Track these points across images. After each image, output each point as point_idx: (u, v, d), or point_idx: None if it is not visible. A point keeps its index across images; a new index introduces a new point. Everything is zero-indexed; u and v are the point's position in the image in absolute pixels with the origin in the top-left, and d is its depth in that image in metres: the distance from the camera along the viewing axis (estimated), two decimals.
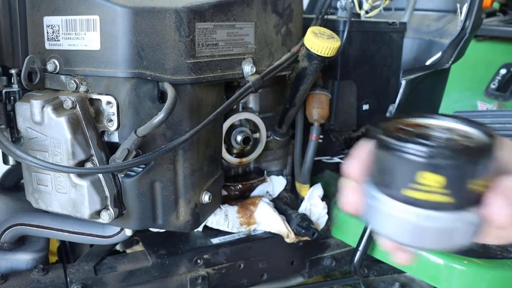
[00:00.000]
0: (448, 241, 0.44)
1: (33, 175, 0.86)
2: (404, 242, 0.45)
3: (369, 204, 0.46)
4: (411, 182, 0.41)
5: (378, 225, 0.46)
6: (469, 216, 0.43)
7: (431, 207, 0.42)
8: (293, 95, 1.07)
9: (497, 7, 1.87)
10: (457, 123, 0.47)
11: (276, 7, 0.98)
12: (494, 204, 0.43)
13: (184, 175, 0.89)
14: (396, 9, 1.47)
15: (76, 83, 0.82)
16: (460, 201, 0.42)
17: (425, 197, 0.41)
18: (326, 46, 0.97)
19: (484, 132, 0.45)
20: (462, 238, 0.44)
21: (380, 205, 0.44)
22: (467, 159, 0.41)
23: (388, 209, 0.44)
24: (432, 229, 0.43)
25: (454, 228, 0.43)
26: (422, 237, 0.43)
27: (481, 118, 0.82)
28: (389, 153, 0.42)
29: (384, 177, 0.44)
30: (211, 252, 1.04)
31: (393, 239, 0.45)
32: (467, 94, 1.74)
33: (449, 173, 0.40)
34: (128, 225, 0.91)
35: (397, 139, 0.42)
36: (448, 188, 0.41)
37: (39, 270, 0.93)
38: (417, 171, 0.41)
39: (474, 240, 0.46)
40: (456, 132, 0.46)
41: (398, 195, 0.43)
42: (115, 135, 0.86)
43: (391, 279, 1.37)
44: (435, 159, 0.40)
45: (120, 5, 0.78)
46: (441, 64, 1.14)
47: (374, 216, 0.46)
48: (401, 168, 0.42)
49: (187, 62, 0.82)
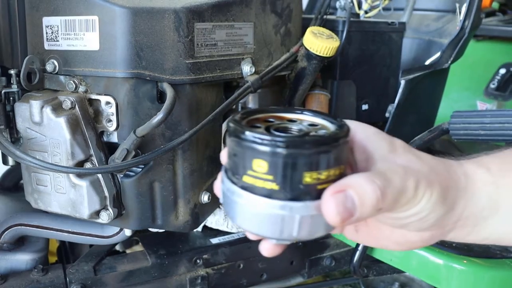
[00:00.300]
0: (284, 230, 0.43)
1: (32, 176, 0.86)
2: (247, 228, 0.45)
3: (222, 189, 0.47)
4: (249, 169, 0.42)
5: (227, 210, 0.47)
6: (300, 207, 0.42)
7: (262, 193, 0.42)
8: (292, 95, 1.07)
9: (496, 7, 1.87)
10: (318, 117, 0.48)
11: (275, 7, 0.98)
12: (325, 201, 0.42)
13: (183, 175, 0.89)
14: (395, 9, 1.47)
15: (75, 83, 0.82)
16: (288, 189, 0.42)
17: (257, 183, 0.42)
18: (325, 46, 0.97)
19: (337, 125, 0.46)
20: (298, 229, 0.43)
21: (227, 191, 0.45)
22: (294, 148, 0.41)
23: (231, 194, 0.45)
24: (262, 215, 0.43)
25: (284, 216, 0.43)
26: (259, 223, 0.44)
27: (480, 117, 0.82)
28: (232, 140, 0.44)
29: (231, 164, 0.45)
30: (210, 252, 1.04)
31: (238, 224, 0.46)
32: (467, 94, 1.75)
33: (271, 160, 0.41)
34: (128, 225, 0.91)
35: (242, 128, 0.43)
36: (271, 174, 0.41)
37: (39, 270, 0.93)
38: (252, 158, 0.42)
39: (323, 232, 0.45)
40: (317, 128, 0.47)
41: (238, 181, 0.44)
42: (114, 135, 0.86)
43: (391, 278, 1.38)
44: (261, 146, 0.41)
45: (119, 6, 0.78)
46: (440, 64, 1.15)
47: (224, 201, 0.47)
48: (241, 155, 0.43)
49: (186, 62, 0.83)
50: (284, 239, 0.45)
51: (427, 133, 0.91)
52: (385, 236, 0.52)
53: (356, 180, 0.43)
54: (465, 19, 1.13)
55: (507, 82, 1.68)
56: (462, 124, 0.84)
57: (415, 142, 0.93)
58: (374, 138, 0.48)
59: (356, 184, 0.42)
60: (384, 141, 0.48)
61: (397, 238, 0.51)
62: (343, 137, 0.43)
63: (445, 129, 0.88)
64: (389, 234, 0.51)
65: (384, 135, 0.49)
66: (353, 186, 0.42)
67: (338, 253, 1.20)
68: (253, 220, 0.44)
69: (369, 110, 1.30)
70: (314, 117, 0.49)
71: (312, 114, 0.49)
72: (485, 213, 0.49)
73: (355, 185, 0.42)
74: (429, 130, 0.91)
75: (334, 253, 1.20)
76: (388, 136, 0.49)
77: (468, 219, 0.49)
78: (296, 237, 0.44)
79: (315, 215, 0.43)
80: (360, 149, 0.48)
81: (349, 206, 0.42)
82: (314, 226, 0.44)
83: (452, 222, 0.49)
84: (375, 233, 0.52)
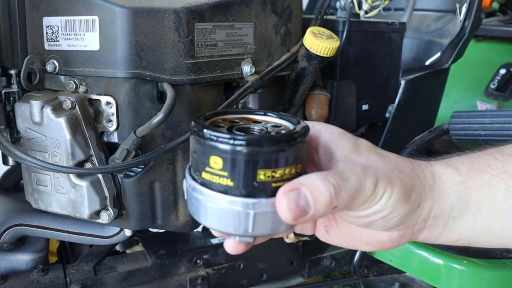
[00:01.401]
0: (240, 226, 0.44)
1: (32, 176, 0.86)
2: (206, 224, 0.46)
3: (185, 187, 0.48)
4: (207, 166, 0.44)
5: (189, 206, 0.48)
6: (255, 204, 0.43)
7: (218, 189, 0.44)
8: (293, 95, 1.07)
9: (497, 7, 1.87)
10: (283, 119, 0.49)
11: (275, 7, 0.98)
12: (278, 198, 0.43)
13: (183, 175, 0.89)
14: (395, 9, 1.47)
15: (76, 83, 0.82)
16: (242, 186, 0.43)
17: (214, 179, 0.44)
18: (325, 46, 0.97)
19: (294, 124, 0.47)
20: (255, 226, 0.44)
21: (189, 187, 0.47)
22: (249, 146, 0.42)
23: (192, 190, 0.46)
24: (220, 211, 0.44)
25: (239, 212, 0.44)
26: (218, 219, 0.45)
27: (480, 118, 0.82)
28: (193, 137, 0.45)
29: (192, 161, 0.46)
30: (210, 252, 1.04)
31: (199, 220, 0.47)
32: (467, 94, 1.75)
33: (225, 156, 0.42)
34: (128, 226, 0.91)
35: (202, 126, 0.44)
36: (225, 171, 0.43)
37: (39, 271, 0.93)
38: (209, 155, 0.43)
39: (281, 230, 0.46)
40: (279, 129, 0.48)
41: (198, 178, 0.45)
42: (114, 136, 0.86)
43: (391, 279, 1.38)
44: (220, 143, 0.42)
45: (119, 6, 0.78)
46: (440, 64, 1.15)
47: (187, 197, 0.48)
48: (200, 152, 0.45)
49: (186, 63, 0.83)
50: (242, 235, 0.46)
51: (427, 133, 0.92)
52: (355, 236, 0.52)
53: (310, 178, 0.43)
54: (465, 19, 1.13)
55: (507, 82, 1.68)
56: (462, 124, 0.84)
57: (415, 142, 0.93)
58: (338, 138, 0.49)
59: (310, 182, 0.43)
60: (348, 142, 0.49)
61: (366, 238, 0.52)
62: (300, 136, 0.44)
63: (445, 129, 0.88)
64: (358, 234, 0.52)
65: (349, 136, 0.50)
66: (306, 184, 0.43)
67: (338, 253, 1.20)
68: (212, 216, 0.45)
69: (369, 110, 1.30)
70: (278, 118, 0.50)
71: (276, 116, 0.50)
72: (455, 213, 0.49)
73: (309, 183, 0.43)
74: (429, 130, 0.92)
75: (334, 253, 1.20)
76: (354, 137, 0.50)
77: (437, 219, 0.50)
78: (252, 233, 0.45)
79: (270, 212, 0.44)
80: (324, 149, 0.49)
81: (302, 204, 0.42)
82: (269, 223, 0.45)
83: (421, 222, 0.49)
84: (345, 233, 0.53)
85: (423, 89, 1.17)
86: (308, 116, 1.14)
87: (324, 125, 0.51)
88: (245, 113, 0.51)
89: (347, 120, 1.26)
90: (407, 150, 0.93)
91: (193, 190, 0.46)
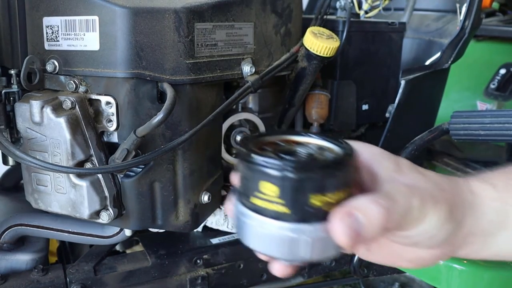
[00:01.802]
0: (293, 252, 0.44)
1: (32, 176, 0.86)
2: (257, 249, 0.46)
3: (233, 210, 0.48)
4: (256, 191, 0.44)
5: (238, 231, 0.48)
6: (309, 229, 0.43)
7: (270, 215, 0.43)
8: (293, 95, 1.07)
9: (497, 7, 1.86)
10: (327, 141, 0.49)
11: (275, 7, 0.98)
12: (333, 222, 0.43)
13: (183, 175, 0.89)
14: (395, 9, 1.47)
15: (76, 83, 0.82)
16: (297, 213, 0.43)
17: (266, 205, 0.43)
18: (325, 46, 0.97)
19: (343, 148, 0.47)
20: (308, 251, 0.44)
21: (237, 213, 0.47)
22: (303, 173, 0.42)
23: (240, 215, 0.46)
24: (272, 237, 0.44)
25: (293, 239, 0.44)
26: (269, 245, 0.45)
27: (480, 118, 0.82)
28: (241, 162, 0.45)
29: (241, 186, 0.46)
30: (210, 252, 1.04)
31: (249, 245, 0.47)
32: (467, 94, 1.75)
33: (281, 184, 0.42)
34: (128, 225, 0.91)
35: (250, 151, 0.45)
36: (282, 199, 0.42)
37: (39, 271, 0.93)
38: (260, 181, 0.43)
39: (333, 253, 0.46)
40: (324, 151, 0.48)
41: (247, 203, 0.45)
42: (114, 136, 0.86)
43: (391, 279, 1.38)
44: (270, 169, 0.42)
45: (119, 6, 0.78)
46: (440, 64, 1.14)
47: (236, 222, 0.48)
48: (248, 177, 0.45)
49: (186, 63, 0.82)
50: (294, 260, 0.46)
51: (427, 133, 0.91)
52: (397, 254, 0.52)
53: (361, 202, 0.44)
54: (465, 19, 1.13)
55: (507, 82, 1.68)
56: (462, 124, 0.84)
57: (415, 142, 0.93)
58: (380, 158, 0.49)
59: (362, 205, 0.43)
60: (390, 161, 0.49)
61: (408, 256, 0.52)
62: (349, 160, 0.45)
63: (445, 129, 0.88)
64: (401, 252, 0.52)
65: (389, 155, 0.50)
66: (359, 208, 0.43)
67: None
68: (263, 242, 0.45)
69: (369, 110, 1.30)
70: (321, 140, 0.50)
71: (319, 138, 0.50)
72: (493, 229, 0.50)
73: (361, 207, 0.43)
74: (429, 130, 0.91)
75: None
76: (393, 156, 0.51)
77: (476, 235, 0.50)
78: (305, 258, 0.45)
79: (324, 236, 0.44)
80: (366, 169, 0.49)
81: (356, 228, 0.43)
82: (323, 247, 0.45)
83: (461, 239, 0.50)
84: (387, 252, 0.53)
85: (423, 89, 1.17)
86: (308, 116, 1.14)
87: (363, 145, 0.51)
88: (287, 134, 0.51)
89: (347, 120, 1.27)
90: (407, 150, 0.93)
91: (242, 215, 0.46)
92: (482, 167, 1.46)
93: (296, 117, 1.14)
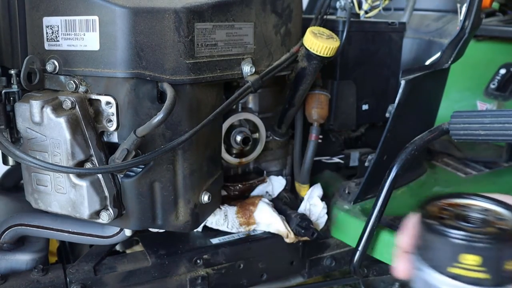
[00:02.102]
0: None
1: (32, 176, 0.86)
2: None
3: (416, 274, 0.54)
4: (455, 262, 0.50)
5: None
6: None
7: (472, 282, 0.50)
8: (293, 95, 1.07)
9: (497, 7, 1.86)
10: (490, 203, 0.56)
11: (275, 7, 0.98)
12: None
13: (183, 175, 0.89)
14: (395, 9, 1.47)
15: (76, 83, 0.82)
16: (497, 278, 0.49)
17: (467, 274, 0.50)
18: (325, 46, 0.97)
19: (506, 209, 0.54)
20: None
21: (427, 277, 0.53)
22: (501, 243, 0.49)
23: (435, 281, 0.52)
24: None
25: None
26: None
27: (480, 118, 0.82)
28: (435, 235, 0.52)
29: (431, 254, 0.53)
30: (210, 252, 1.04)
31: None
32: (467, 94, 1.75)
33: (485, 255, 0.49)
34: (128, 225, 0.91)
35: (440, 223, 0.52)
36: (485, 267, 0.49)
37: (39, 271, 0.93)
38: (460, 253, 0.50)
39: None
40: (491, 213, 0.55)
41: (444, 271, 0.51)
42: (114, 136, 0.86)
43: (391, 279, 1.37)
44: (474, 243, 0.49)
45: (119, 6, 0.78)
46: (440, 64, 1.14)
47: (422, 285, 0.54)
48: (445, 249, 0.51)
49: (186, 63, 0.83)
50: None
51: (427, 133, 0.91)
52: None
53: None
54: (465, 19, 1.13)
55: (507, 82, 1.68)
56: (462, 124, 0.84)
57: (415, 142, 0.93)
58: None
59: None
60: None
61: None
62: None
63: (445, 129, 0.88)
64: None
65: None
66: None
67: (338, 253, 1.20)
68: None
69: (369, 110, 1.30)
70: (483, 202, 0.57)
71: (481, 200, 0.57)
72: None
73: None
74: (429, 130, 0.91)
75: (334, 253, 1.20)
76: None
77: None
78: None
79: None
80: None
81: None
82: None
83: None
84: None
85: (423, 89, 1.17)
86: (308, 116, 1.14)
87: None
88: (450, 198, 0.58)
89: (347, 120, 1.27)
90: (407, 150, 0.93)
91: (437, 281, 0.51)
92: (482, 167, 1.46)
93: (296, 117, 1.14)
